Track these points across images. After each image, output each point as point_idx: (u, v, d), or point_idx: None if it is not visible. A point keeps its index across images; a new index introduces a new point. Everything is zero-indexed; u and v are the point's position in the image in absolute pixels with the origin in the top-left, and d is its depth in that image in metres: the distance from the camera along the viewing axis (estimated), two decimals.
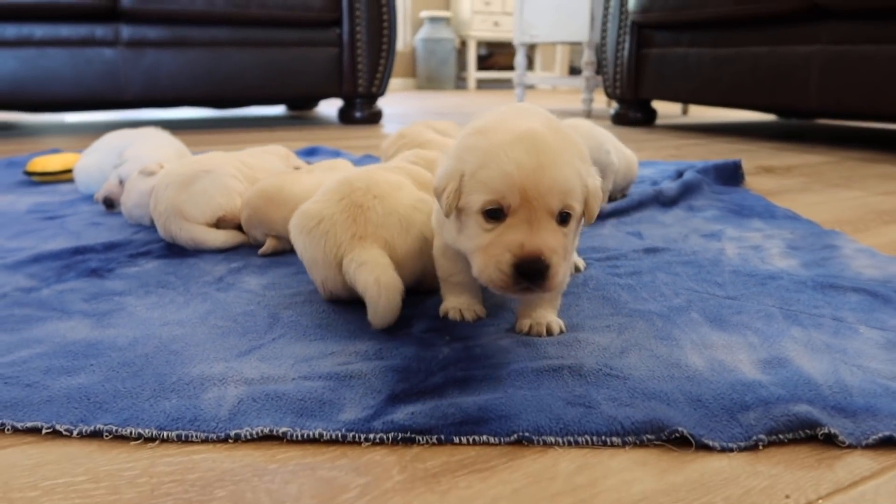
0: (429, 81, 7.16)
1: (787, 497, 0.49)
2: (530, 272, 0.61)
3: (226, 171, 1.22)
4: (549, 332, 0.76)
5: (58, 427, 0.58)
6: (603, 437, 0.56)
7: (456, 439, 0.56)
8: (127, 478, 0.52)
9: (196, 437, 0.57)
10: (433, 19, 7.00)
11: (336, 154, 2.19)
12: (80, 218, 1.37)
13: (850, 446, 0.55)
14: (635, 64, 3.20)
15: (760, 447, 0.55)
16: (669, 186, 1.49)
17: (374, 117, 3.39)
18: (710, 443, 0.55)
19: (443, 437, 0.56)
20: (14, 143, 2.63)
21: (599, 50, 3.49)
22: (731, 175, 1.68)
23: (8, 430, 0.58)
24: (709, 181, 1.61)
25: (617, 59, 3.29)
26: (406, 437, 0.56)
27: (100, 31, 2.89)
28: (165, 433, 0.57)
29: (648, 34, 3.13)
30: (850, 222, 1.33)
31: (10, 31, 2.77)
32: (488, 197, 0.63)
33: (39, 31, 2.81)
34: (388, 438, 0.56)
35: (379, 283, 0.76)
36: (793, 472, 0.52)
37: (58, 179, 1.77)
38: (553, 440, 0.56)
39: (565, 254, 0.64)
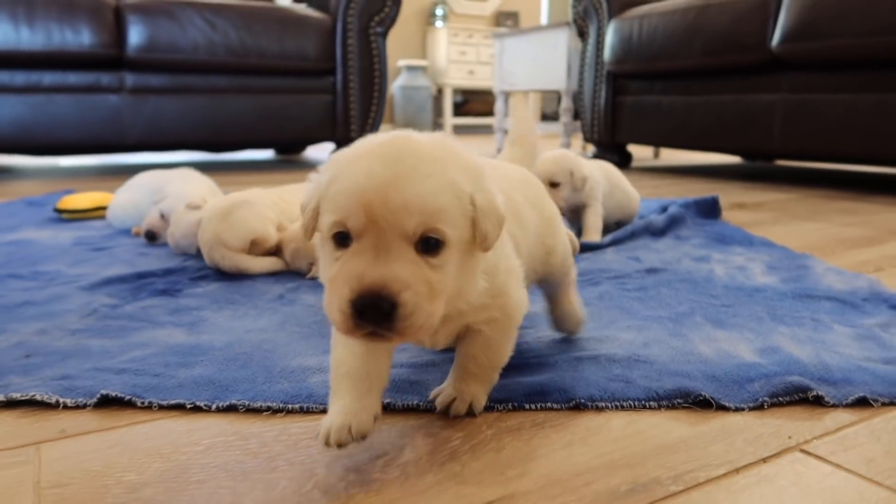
0: (406, 127, 7.36)
1: (790, 438, 0.64)
2: (370, 311, 0.47)
3: (262, 203, 1.36)
4: (470, 412, 0.67)
5: (198, 403, 0.71)
6: (643, 402, 0.70)
7: (527, 406, 0.70)
8: (270, 436, 0.65)
9: (316, 408, 0.70)
10: (410, 68, 7.27)
11: None
12: (126, 249, 1.48)
13: (833, 405, 0.70)
14: (611, 110, 3.43)
15: (765, 407, 0.70)
16: (657, 219, 1.66)
17: None
18: (727, 404, 0.70)
19: (516, 404, 0.70)
20: (16, 186, 2.72)
21: (577, 97, 3.72)
22: (710, 209, 1.86)
23: (154, 407, 0.71)
24: (691, 214, 1.79)
25: (594, 105, 3.52)
26: (487, 405, 0.70)
27: (105, 78, 3.03)
28: (290, 406, 0.70)
29: (623, 83, 3.37)
30: (818, 248, 1.51)
31: (20, 77, 2.89)
32: (333, 217, 0.51)
33: (48, 77, 2.93)
34: None
35: None
36: (792, 422, 0.67)
37: (87, 217, 1.88)
38: (604, 405, 0.70)
39: (432, 291, 0.50)
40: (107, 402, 0.71)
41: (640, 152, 4.51)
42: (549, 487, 0.56)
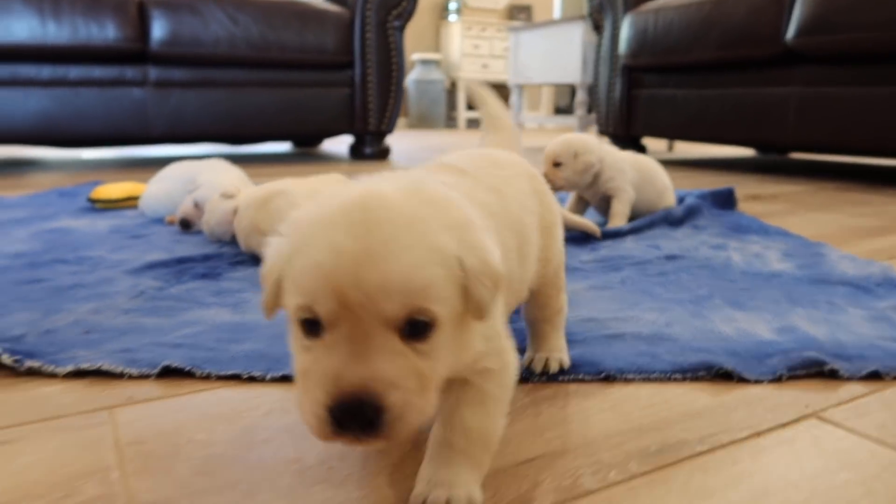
0: (420, 121, 7.43)
1: (807, 406, 0.69)
2: (351, 418, 0.40)
3: (296, 192, 1.41)
4: None
5: (253, 374, 0.76)
6: (668, 375, 0.75)
7: (560, 378, 0.75)
8: None
9: None
10: (424, 62, 7.31)
11: None
12: (162, 237, 1.54)
13: (847, 378, 0.75)
14: (626, 103, 3.46)
15: (783, 379, 0.75)
16: (675, 209, 1.70)
17: (383, 153, 3.61)
18: (747, 376, 0.74)
19: (549, 376, 0.75)
20: (43, 177, 2.79)
21: (592, 91, 3.76)
22: (725, 200, 1.90)
23: (213, 377, 0.76)
24: (707, 205, 1.82)
25: (609, 99, 3.55)
26: (521, 377, 0.75)
27: (129, 72, 3.09)
28: None
29: (638, 76, 3.40)
30: (832, 237, 1.55)
31: (46, 71, 2.96)
32: (298, 300, 0.43)
33: (74, 71, 3.00)
34: None
35: None
36: (809, 393, 0.72)
37: (119, 206, 1.94)
38: (632, 377, 0.75)
39: (423, 383, 0.42)
40: (168, 373, 0.77)
41: (655, 145, 4.54)
42: (585, 447, 0.61)
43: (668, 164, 3.43)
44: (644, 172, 1.71)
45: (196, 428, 0.65)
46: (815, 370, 0.76)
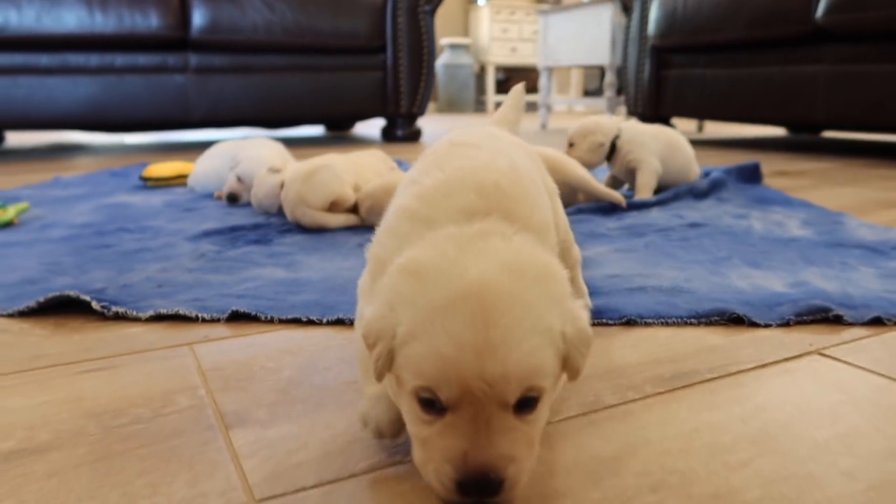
0: (449, 105, 7.49)
1: (810, 345, 0.76)
2: (478, 491, 0.44)
3: (339, 167, 1.50)
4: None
5: (311, 317, 0.85)
6: (685, 319, 0.83)
7: None
8: None
9: None
10: (453, 46, 7.35)
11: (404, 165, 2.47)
12: (212, 210, 1.65)
13: (850, 323, 0.82)
14: (655, 84, 3.49)
15: (791, 324, 0.82)
16: (700, 182, 1.76)
17: (415, 135, 3.70)
18: (757, 321, 0.82)
19: None
20: (91, 160, 2.93)
21: (620, 72, 3.79)
22: (751, 175, 1.95)
23: (275, 321, 0.86)
24: (732, 180, 1.88)
25: (638, 80, 3.58)
26: None
27: (171, 59, 3.21)
28: None
29: (667, 57, 3.42)
30: (854, 208, 1.59)
31: (94, 59, 3.10)
32: (419, 383, 0.45)
33: (119, 59, 3.13)
34: None
35: None
36: (813, 335, 0.79)
37: (169, 184, 2.06)
38: (651, 321, 0.83)
39: (531, 446, 0.46)
40: (236, 318, 0.87)
41: (685, 126, 4.55)
42: (607, 375, 0.69)
43: (699, 143, 3.46)
44: (669, 143, 1.78)
45: (266, 359, 0.75)
46: (821, 316, 0.83)
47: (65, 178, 2.24)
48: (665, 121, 3.61)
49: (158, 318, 0.87)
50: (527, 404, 0.45)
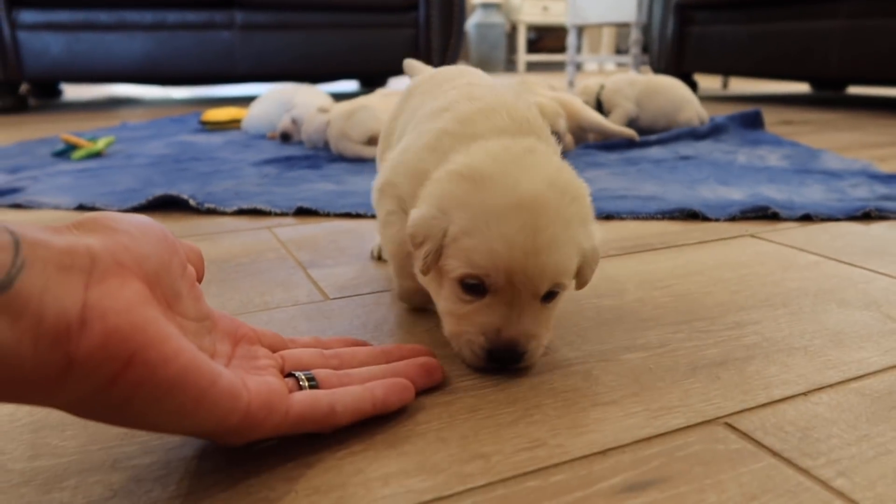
0: (480, 64, 7.62)
1: (746, 230, 0.97)
2: (504, 359, 0.54)
3: (376, 107, 1.73)
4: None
5: (359, 212, 1.09)
6: (652, 215, 1.05)
7: None
8: None
9: None
10: (485, 5, 7.45)
11: None
12: (267, 146, 1.89)
13: (785, 219, 1.03)
14: (678, 40, 3.62)
15: (736, 219, 1.03)
16: (702, 126, 1.95)
17: None
18: (710, 215, 1.03)
19: None
20: (147, 111, 3.20)
21: (646, 29, 3.92)
22: (752, 121, 2.12)
23: (332, 215, 1.10)
24: (735, 125, 2.06)
25: (662, 37, 3.72)
26: None
27: (218, 16, 3.44)
28: None
29: (690, 14, 3.55)
30: (840, 148, 1.77)
31: (149, 16, 3.34)
32: (469, 270, 0.53)
33: (171, 16, 3.37)
34: None
35: None
36: (753, 226, 1.00)
37: (226, 128, 2.31)
38: (626, 216, 1.05)
39: (548, 330, 0.56)
40: (300, 213, 1.11)
41: (709, 83, 4.66)
42: None
43: (723, 100, 3.60)
44: (647, 88, 1.98)
45: (326, 235, 0.99)
46: (762, 213, 1.04)
47: (131, 123, 2.50)
48: (687, 76, 3.75)
49: (240, 213, 1.12)
50: (551, 296, 0.55)
